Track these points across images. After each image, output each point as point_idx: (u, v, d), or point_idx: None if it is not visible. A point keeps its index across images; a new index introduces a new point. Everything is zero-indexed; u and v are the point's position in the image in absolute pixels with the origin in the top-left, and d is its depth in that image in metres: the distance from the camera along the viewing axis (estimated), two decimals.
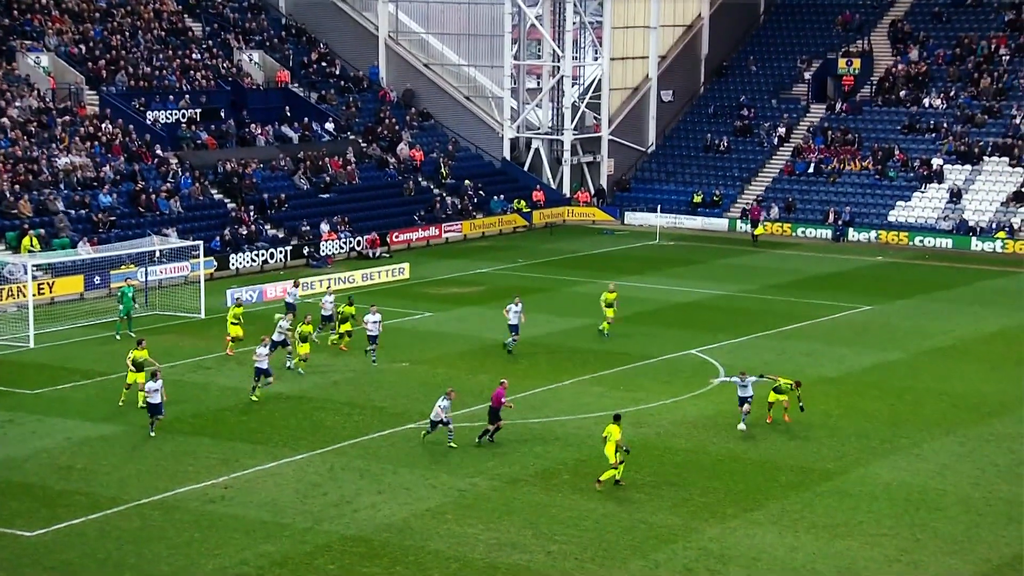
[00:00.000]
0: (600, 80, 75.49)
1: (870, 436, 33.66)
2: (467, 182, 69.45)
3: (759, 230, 65.85)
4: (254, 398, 36.25)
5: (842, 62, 76.46)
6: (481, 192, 69.44)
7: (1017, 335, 45.57)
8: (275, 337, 38.32)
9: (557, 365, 40.61)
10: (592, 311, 48.61)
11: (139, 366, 35.28)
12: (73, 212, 54.92)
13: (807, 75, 77.34)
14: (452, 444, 32.10)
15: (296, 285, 46.82)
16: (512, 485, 29.88)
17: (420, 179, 68.78)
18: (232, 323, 41.37)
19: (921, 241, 64.95)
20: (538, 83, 79.21)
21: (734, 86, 79.31)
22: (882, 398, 37.33)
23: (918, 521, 27.87)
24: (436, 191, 68.56)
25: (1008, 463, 31.78)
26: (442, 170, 69.75)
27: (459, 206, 67.78)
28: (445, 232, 65.53)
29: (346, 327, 42.04)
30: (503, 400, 32.89)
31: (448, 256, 61.33)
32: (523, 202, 70.11)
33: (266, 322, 41.89)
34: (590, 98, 75.78)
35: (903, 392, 38.02)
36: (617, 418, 30.04)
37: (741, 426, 33.44)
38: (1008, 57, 73.70)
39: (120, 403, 35.49)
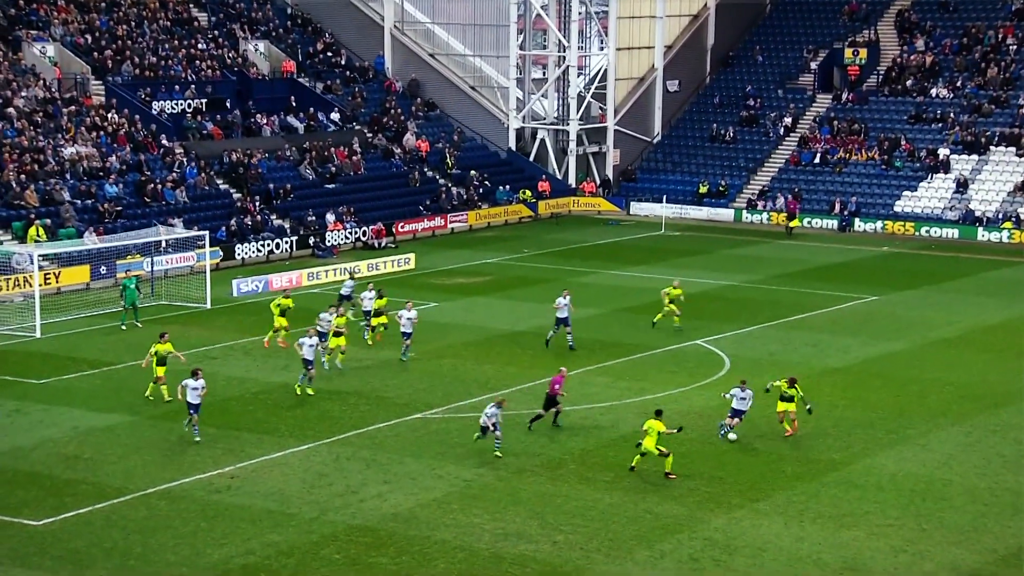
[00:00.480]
0: (606, 70, 75.38)
1: (876, 427, 33.61)
2: (473, 172, 69.40)
3: (795, 223, 65.21)
4: (309, 391, 35.84)
5: (848, 52, 76.31)
6: (487, 182, 69.41)
7: (1023, 326, 45.46)
8: (320, 328, 38.31)
9: (563, 355, 40.58)
10: (597, 301, 48.67)
11: (162, 359, 35.22)
12: (79, 202, 54.97)
13: (813, 65, 77.22)
14: (498, 453, 30.80)
15: (352, 277, 46.23)
16: (518, 475, 29.90)
17: (426, 169, 68.76)
18: (279, 315, 40.71)
19: (927, 231, 64.82)
20: (544, 73, 79.11)
21: (740, 76, 79.18)
22: (888, 389, 37.28)
23: (924, 511, 27.85)
24: (442, 181, 68.51)
25: (1014, 453, 31.73)
26: (448, 160, 69.71)
27: (464, 196, 67.75)
28: (451, 222, 65.51)
29: (379, 320, 41.37)
30: (558, 388, 32.88)
31: (454, 246, 61.32)
32: (529, 192, 70.04)
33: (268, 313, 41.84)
34: (596, 88, 75.63)
35: (909, 383, 37.97)
36: (659, 413, 29.95)
37: (732, 436, 32.28)
38: (1015, 47, 73.48)
39: (166, 399, 34.77)
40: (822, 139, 72.52)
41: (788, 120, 74.49)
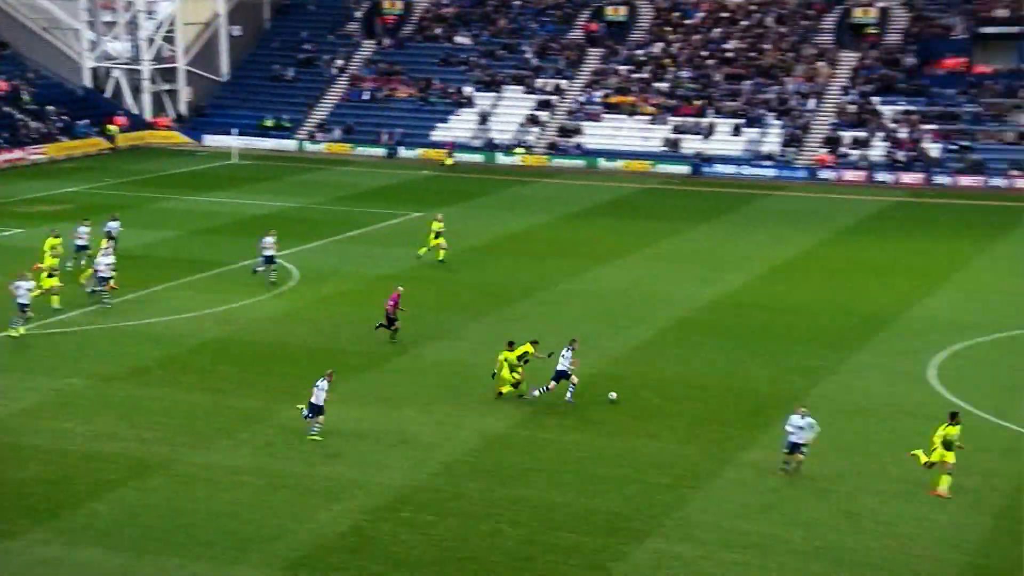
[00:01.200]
0: (174, 15, 72.12)
1: (421, 322, 34.73)
2: (50, 107, 64.53)
3: (449, 160, 64.26)
4: (15, 333, 31.58)
5: (387, 3, 77.31)
6: (65, 117, 64.76)
7: (536, 233, 48.49)
8: (79, 242, 36.82)
9: (148, 273, 38.98)
10: (175, 224, 47.07)
11: None
12: None
13: (358, 14, 77.56)
14: (317, 437, 25.77)
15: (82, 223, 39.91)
16: (107, 383, 28.62)
17: (2, 106, 63.03)
18: (49, 254, 36.08)
19: (458, 157, 67.03)
20: (114, 17, 74.53)
21: (296, 23, 78.20)
22: (431, 290, 38.64)
23: (459, 390, 29.23)
24: (19, 116, 63.15)
25: (525, 336, 33.76)
26: (24, 96, 64.30)
27: (44, 131, 62.88)
28: (30, 155, 60.80)
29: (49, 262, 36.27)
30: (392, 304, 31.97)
31: (34, 177, 57.09)
32: (108, 127, 66.17)
33: None
34: (166, 32, 72.30)
35: (446, 284, 39.57)
36: (511, 344, 28.18)
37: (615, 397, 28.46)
38: (520, 3, 77.28)
39: None
40: (369, 79, 73.19)
41: (340, 63, 74.51)
